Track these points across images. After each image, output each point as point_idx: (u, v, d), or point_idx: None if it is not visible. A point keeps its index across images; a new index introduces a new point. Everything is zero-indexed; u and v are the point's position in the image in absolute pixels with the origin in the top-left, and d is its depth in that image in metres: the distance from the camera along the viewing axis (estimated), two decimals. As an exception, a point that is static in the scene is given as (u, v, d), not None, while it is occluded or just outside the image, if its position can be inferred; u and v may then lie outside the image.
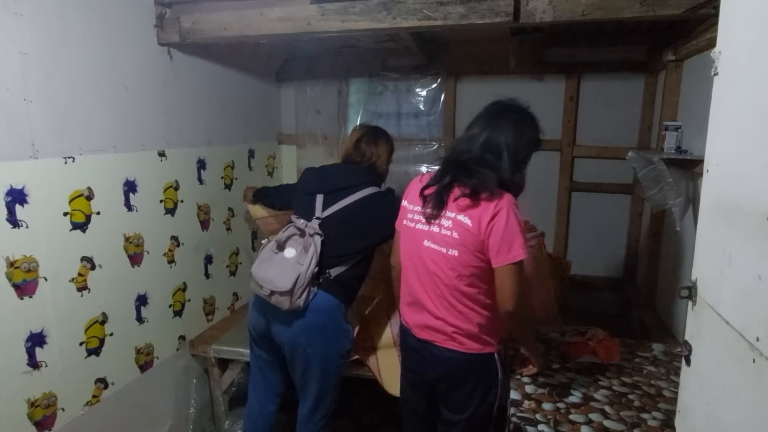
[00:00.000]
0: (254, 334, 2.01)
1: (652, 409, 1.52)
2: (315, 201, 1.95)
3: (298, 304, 1.78)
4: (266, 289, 1.79)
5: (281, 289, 1.76)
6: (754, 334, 0.71)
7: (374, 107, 3.26)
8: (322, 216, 1.91)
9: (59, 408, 1.78)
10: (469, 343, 1.56)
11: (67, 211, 1.78)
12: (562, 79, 2.85)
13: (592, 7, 1.71)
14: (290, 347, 1.89)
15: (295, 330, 1.85)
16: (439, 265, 1.53)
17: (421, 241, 1.58)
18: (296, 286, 1.76)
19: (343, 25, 1.95)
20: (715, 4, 1.53)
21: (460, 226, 1.49)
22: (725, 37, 0.88)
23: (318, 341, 1.86)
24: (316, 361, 1.88)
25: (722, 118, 0.88)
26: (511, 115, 1.57)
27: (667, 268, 2.33)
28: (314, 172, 2.08)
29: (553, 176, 2.93)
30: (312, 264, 1.80)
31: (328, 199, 1.94)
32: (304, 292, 1.79)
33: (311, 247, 1.82)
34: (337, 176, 2.02)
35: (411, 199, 1.65)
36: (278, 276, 1.78)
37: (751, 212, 0.74)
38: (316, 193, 1.97)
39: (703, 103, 1.85)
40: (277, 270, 1.81)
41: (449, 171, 1.55)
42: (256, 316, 1.96)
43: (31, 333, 1.67)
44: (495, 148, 1.52)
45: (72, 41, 1.78)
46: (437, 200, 1.53)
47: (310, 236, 1.85)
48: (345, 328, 1.95)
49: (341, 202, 1.92)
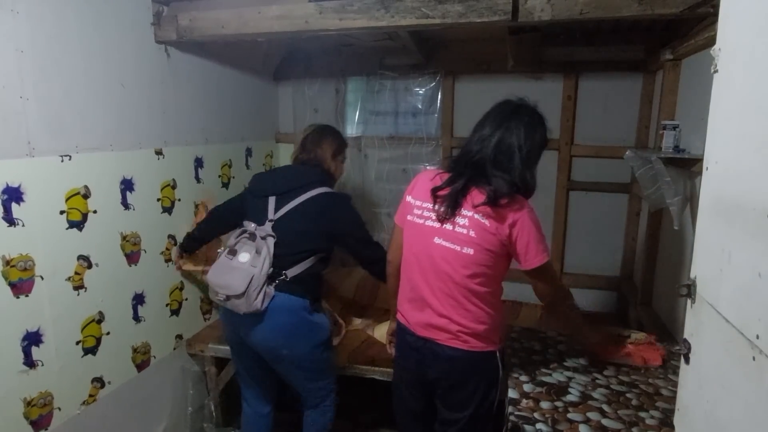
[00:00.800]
0: (232, 345, 2.04)
1: (650, 408, 1.52)
2: (267, 203, 1.96)
3: (255, 307, 1.80)
4: (221, 294, 1.82)
5: (235, 292, 1.78)
6: (754, 331, 0.71)
7: (372, 106, 3.26)
8: (274, 218, 1.93)
9: (55, 407, 1.77)
10: (473, 341, 1.56)
11: (63, 209, 1.77)
12: (560, 78, 2.85)
13: (591, 5, 1.71)
14: (266, 351, 1.92)
15: (265, 334, 1.87)
16: (451, 263, 1.53)
17: (431, 238, 1.57)
18: (250, 288, 1.78)
19: (341, 24, 1.94)
20: (714, 2, 1.54)
21: (478, 225, 1.49)
22: (725, 33, 0.87)
23: (291, 341, 1.88)
24: (296, 359, 1.92)
25: (722, 116, 0.88)
26: (522, 115, 1.57)
27: (664, 266, 2.33)
28: (265, 175, 2.12)
29: (551, 175, 2.93)
30: (265, 265, 1.82)
31: (280, 201, 1.95)
32: (259, 294, 1.80)
33: (263, 249, 1.84)
34: (288, 177, 2.05)
35: (417, 194, 1.64)
36: (232, 280, 1.80)
37: (751, 209, 0.74)
38: (268, 195, 1.98)
39: (701, 102, 1.85)
40: (230, 275, 1.82)
41: (464, 173, 1.54)
42: (227, 328, 2.01)
43: (27, 332, 1.66)
44: (507, 149, 1.52)
45: (69, 39, 1.77)
46: (452, 201, 1.52)
47: (262, 239, 1.86)
48: (315, 321, 1.95)
49: (292, 202, 1.93)
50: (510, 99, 1.62)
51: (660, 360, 1.78)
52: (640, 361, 1.77)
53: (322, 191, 1.98)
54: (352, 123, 3.31)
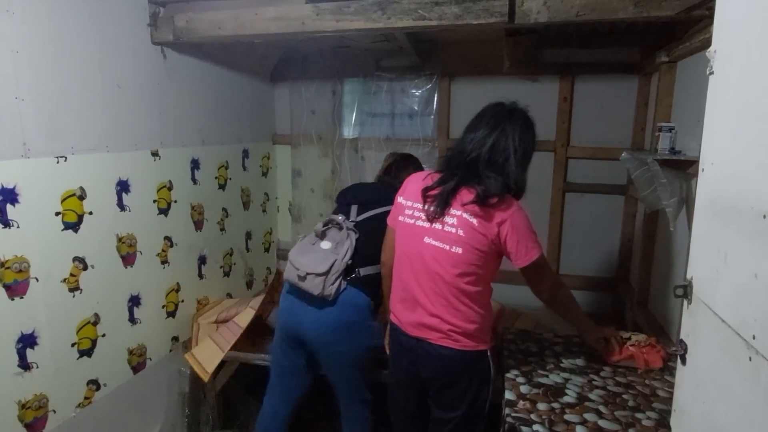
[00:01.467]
0: (283, 335, 2.02)
1: (647, 409, 1.52)
2: (350, 209, 2.06)
3: (330, 291, 1.83)
4: (302, 270, 1.85)
5: (316, 271, 1.83)
6: (750, 332, 0.71)
7: (369, 107, 3.26)
8: (356, 219, 2.02)
9: (50, 410, 1.76)
10: (464, 340, 1.57)
11: (59, 210, 1.77)
12: (556, 79, 2.86)
13: (587, 8, 1.72)
14: (321, 345, 1.92)
15: (329, 327, 1.88)
16: (441, 263, 1.54)
17: (422, 238, 1.58)
18: (331, 270, 1.84)
19: (338, 25, 1.94)
20: (709, 5, 1.55)
21: (466, 224, 1.50)
22: (720, 36, 0.88)
23: (345, 339, 1.90)
24: (352, 358, 1.93)
25: (717, 118, 0.89)
26: (517, 119, 1.58)
27: (660, 268, 2.34)
28: (348, 189, 2.24)
29: (547, 177, 2.93)
30: (347, 255, 1.89)
31: (362, 209, 2.05)
32: (337, 280, 1.85)
33: (347, 240, 1.92)
34: (371, 190, 2.20)
35: (408, 195, 1.65)
36: (314, 261, 1.86)
37: (747, 210, 0.74)
38: (350, 203, 2.08)
39: (697, 104, 1.87)
40: (313, 257, 1.89)
41: (456, 174, 1.55)
42: (284, 318, 2.00)
43: (23, 334, 1.65)
44: (503, 151, 1.54)
45: (65, 40, 1.76)
46: (442, 201, 1.54)
47: (348, 230, 1.95)
48: (372, 325, 1.97)
49: (374, 210, 2.02)
50: (503, 101, 1.64)
51: (661, 362, 1.78)
52: (642, 364, 1.77)
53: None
54: (349, 124, 3.31)
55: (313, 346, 1.94)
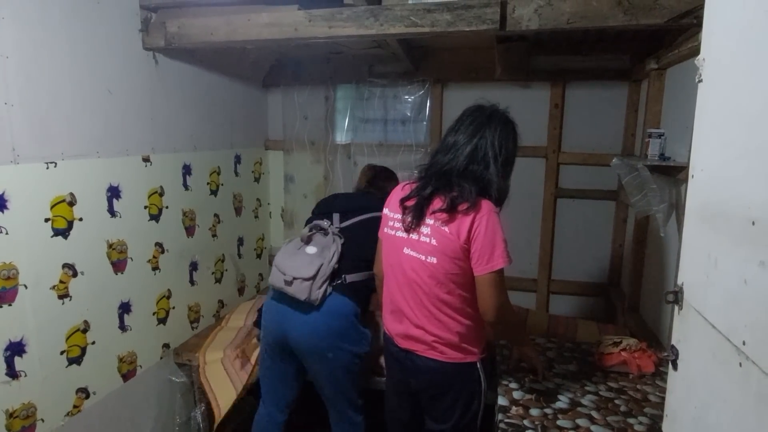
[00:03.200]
0: (269, 342, 2.00)
1: (639, 414, 1.53)
2: (332, 218, 2.05)
3: (316, 296, 1.82)
4: (288, 275, 1.83)
5: (304, 276, 1.81)
6: (741, 337, 0.71)
7: (361, 113, 3.26)
8: (340, 226, 2.01)
9: (39, 419, 1.73)
10: (450, 352, 1.55)
11: (48, 216, 1.75)
12: (547, 86, 2.88)
13: (577, 15, 1.73)
14: (310, 351, 1.90)
15: (315, 333, 1.86)
16: (419, 273, 1.53)
17: (401, 248, 1.57)
18: (318, 274, 1.82)
19: (331, 31, 1.95)
20: (697, 14, 1.57)
21: (438, 233, 1.48)
22: (709, 44, 0.89)
23: (340, 345, 1.88)
24: (339, 364, 1.90)
25: (706, 125, 0.90)
26: (497, 123, 1.55)
27: (651, 273, 2.35)
28: (328, 199, 2.24)
29: (539, 183, 2.95)
30: (333, 259, 1.88)
31: (344, 217, 2.05)
32: (323, 285, 1.84)
33: (333, 245, 1.92)
34: (353, 198, 2.20)
35: (391, 207, 1.65)
36: (301, 265, 1.85)
37: (736, 217, 0.75)
38: (332, 212, 2.07)
39: (686, 111, 1.89)
40: (299, 261, 1.88)
41: (430, 182, 1.53)
42: (270, 326, 1.97)
43: (10, 342, 1.63)
44: (483, 157, 1.51)
45: (55, 45, 1.75)
46: (417, 211, 1.52)
47: (333, 235, 1.95)
48: (363, 331, 1.97)
49: (357, 217, 2.03)
50: (482, 105, 1.61)
51: (653, 367, 1.79)
52: (635, 369, 1.78)
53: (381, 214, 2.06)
54: (342, 130, 3.31)
55: (301, 352, 1.92)
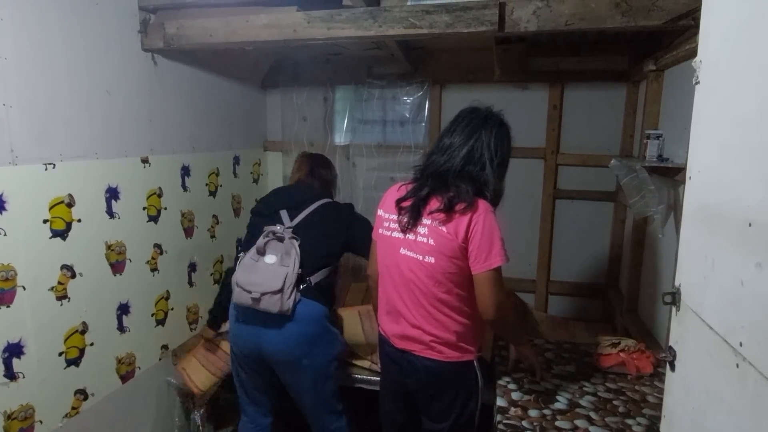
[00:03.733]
0: (240, 355, 1.97)
1: (637, 415, 1.53)
2: (280, 216, 1.98)
3: (288, 306, 1.79)
4: (255, 292, 1.78)
5: (272, 289, 1.77)
6: (738, 339, 0.71)
7: (360, 114, 3.27)
8: (292, 224, 1.95)
9: (37, 420, 1.73)
10: (448, 351, 1.56)
11: (47, 218, 1.75)
12: (545, 87, 2.89)
13: (575, 17, 1.74)
14: (285, 361, 1.88)
15: (289, 343, 1.84)
16: (416, 273, 1.53)
17: (398, 249, 1.57)
18: (285, 285, 1.78)
19: (329, 33, 1.95)
20: (695, 15, 1.57)
21: (436, 233, 1.49)
22: (706, 46, 0.89)
23: (314, 351, 1.87)
24: (315, 370, 1.89)
25: (704, 126, 0.90)
26: (492, 125, 1.57)
27: (649, 274, 2.35)
28: (270, 196, 2.16)
29: (538, 184, 2.95)
30: (296, 265, 1.83)
31: (292, 213, 1.99)
32: (292, 294, 1.80)
33: (292, 249, 1.85)
34: (295, 192, 2.13)
35: (386, 208, 1.65)
36: (265, 278, 1.79)
37: (733, 218, 0.75)
38: (278, 209, 2.00)
39: (684, 112, 1.89)
40: (261, 275, 1.81)
41: (427, 183, 1.54)
42: (240, 339, 1.94)
43: (9, 343, 1.63)
44: (479, 159, 1.52)
45: (54, 46, 1.75)
46: (413, 212, 1.53)
47: (289, 239, 1.88)
48: (334, 332, 1.96)
49: (305, 211, 1.98)
50: (478, 107, 1.62)
51: (651, 368, 1.79)
52: (633, 370, 1.79)
53: (329, 201, 2.06)
54: (341, 131, 3.31)
55: (277, 365, 1.91)
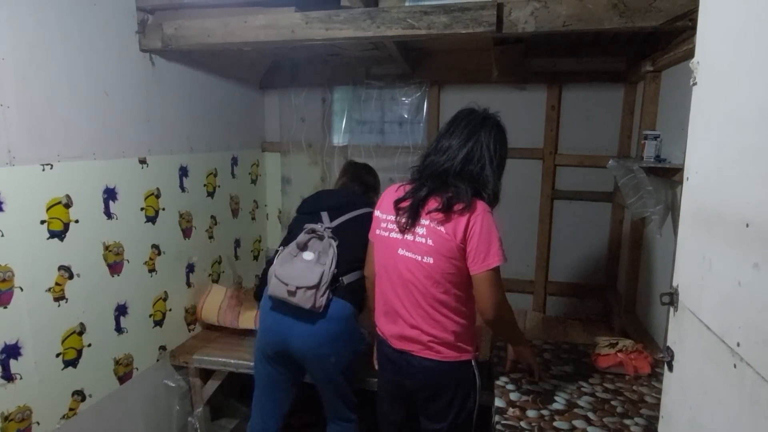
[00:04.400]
0: (268, 352, 1.97)
1: (635, 415, 1.53)
2: (321, 216, 2.00)
3: (321, 303, 1.80)
4: (291, 285, 1.80)
5: (308, 284, 1.79)
6: (735, 339, 0.72)
7: (358, 115, 3.27)
8: (331, 225, 1.97)
9: (34, 422, 1.73)
10: (446, 351, 1.56)
11: (44, 219, 1.74)
12: (543, 88, 2.89)
13: (573, 18, 1.74)
14: (313, 357, 1.90)
15: (319, 340, 1.86)
16: (414, 273, 1.53)
17: (396, 249, 1.58)
18: (321, 282, 1.80)
19: (327, 33, 1.95)
20: (692, 16, 1.58)
21: (435, 233, 1.49)
22: (703, 47, 0.90)
23: (342, 349, 1.89)
24: (340, 366, 1.91)
25: (701, 127, 0.90)
26: (490, 126, 1.58)
27: (647, 274, 2.36)
28: (314, 196, 2.18)
29: (536, 184, 2.95)
30: (333, 264, 1.85)
31: (333, 214, 2.01)
32: (326, 292, 1.82)
33: (330, 249, 1.88)
34: (340, 195, 2.15)
35: (384, 209, 1.65)
36: (303, 274, 1.82)
37: (731, 219, 0.75)
38: (319, 210, 2.03)
39: (681, 113, 1.89)
40: (299, 269, 1.84)
41: (426, 184, 1.55)
42: (273, 328, 1.94)
43: (6, 344, 1.63)
44: (478, 159, 1.53)
45: (51, 47, 1.75)
46: (412, 212, 1.53)
47: (328, 239, 1.91)
48: (357, 330, 1.97)
49: (347, 215, 1.99)
50: (475, 108, 1.63)
51: (649, 368, 1.80)
52: (631, 370, 1.79)
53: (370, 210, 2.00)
54: (339, 132, 3.31)
55: (304, 359, 1.91)
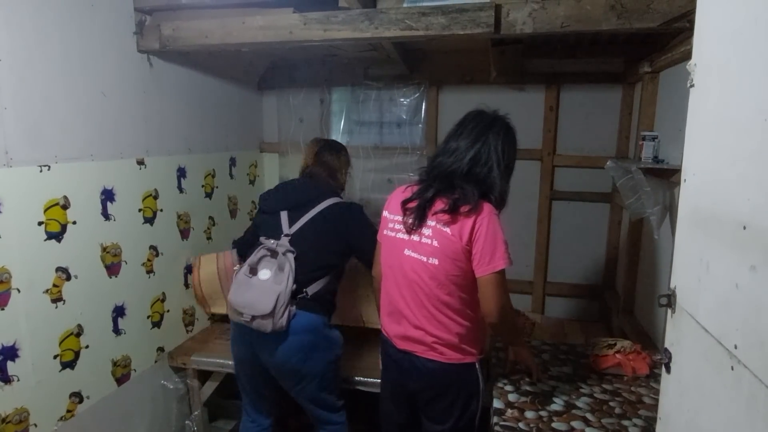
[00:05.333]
0: (242, 362, 1.99)
1: (633, 416, 1.53)
2: (280, 219, 1.94)
3: (281, 325, 1.77)
4: (247, 315, 1.78)
5: (262, 313, 1.75)
6: (732, 341, 0.72)
7: (357, 116, 3.27)
8: (290, 232, 1.91)
9: (31, 424, 1.72)
10: (450, 353, 1.56)
11: (41, 220, 1.74)
12: (542, 89, 2.89)
13: (571, 19, 1.74)
14: (282, 370, 1.89)
15: (286, 355, 1.84)
16: (420, 274, 1.53)
17: (402, 250, 1.58)
18: (277, 306, 1.76)
19: (325, 34, 1.95)
20: (690, 18, 1.58)
21: (440, 234, 1.49)
22: (700, 49, 0.90)
23: (310, 358, 1.87)
24: (312, 375, 1.89)
25: (698, 129, 0.90)
26: (500, 128, 1.57)
27: (645, 275, 2.36)
28: (273, 192, 2.09)
29: (534, 185, 2.96)
30: (290, 282, 1.79)
31: (293, 215, 1.94)
32: (285, 312, 1.78)
33: (286, 265, 1.81)
34: (298, 191, 2.02)
35: (392, 209, 1.65)
36: (257, 299, 1.77)
37: (728, 221, 0.75)
38: (279, 210, 1.96)
39: (679, 114, 1.89)
40: (254, 293, 1.79)
41: (433, 185, 1.55)
42: (241, 349, 1.95)
43: (3, 346, 1.62)
44: (486, 163, 1.53)
45: (49, 48, 1.75)
46: (419, 213, 1.53)
47: (283, 254, 1.84)
48: (332, 336, 1.95)
49: (305, 216, 1.92)
50: (484, 110, 1.62)
51: (647, 369, 1.80)
52: (629, 371, 1.79)
53: (335, 201, 1.97)
54: (337, 133, 3.31)
55: (276, 373, 1.91)
